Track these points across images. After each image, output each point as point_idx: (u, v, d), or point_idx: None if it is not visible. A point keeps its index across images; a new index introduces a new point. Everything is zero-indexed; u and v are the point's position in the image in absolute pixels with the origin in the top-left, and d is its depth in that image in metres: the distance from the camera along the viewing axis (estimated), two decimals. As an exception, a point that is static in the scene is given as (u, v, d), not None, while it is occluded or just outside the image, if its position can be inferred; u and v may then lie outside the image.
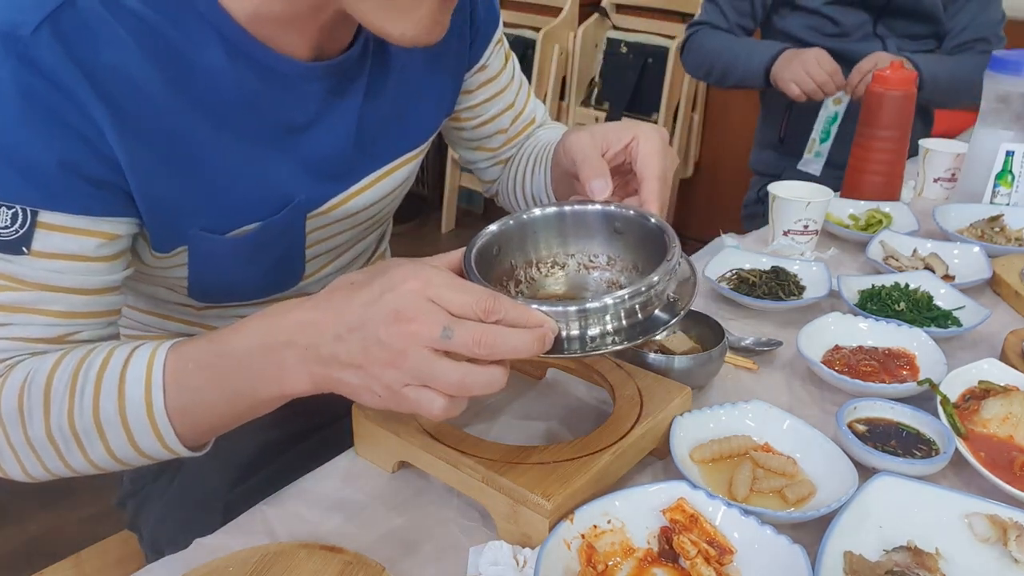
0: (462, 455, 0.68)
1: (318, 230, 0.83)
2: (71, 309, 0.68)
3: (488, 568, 0.63)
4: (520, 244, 0.75)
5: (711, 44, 1.85)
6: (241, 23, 0.69)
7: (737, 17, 1.85)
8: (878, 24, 1.78)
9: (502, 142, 1.03)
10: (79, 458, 0.67)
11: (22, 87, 0.61)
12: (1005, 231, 1.30)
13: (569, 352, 0.62)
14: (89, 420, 0.64)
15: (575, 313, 0.62)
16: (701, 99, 3.21)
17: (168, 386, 0.64)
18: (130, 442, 0.65)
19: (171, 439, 0.65)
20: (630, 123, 0.78)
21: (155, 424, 0.65)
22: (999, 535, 0.67)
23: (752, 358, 0.97)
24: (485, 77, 0.96)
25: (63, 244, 0.65)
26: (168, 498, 0.93)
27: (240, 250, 0.77)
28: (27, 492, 1.98)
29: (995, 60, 1.38)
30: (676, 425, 0.76)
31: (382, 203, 0.89)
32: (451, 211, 3.70)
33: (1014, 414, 0.81)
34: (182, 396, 0.64)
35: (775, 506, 0.71)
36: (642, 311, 0.64)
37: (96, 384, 0.64)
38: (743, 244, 1.26)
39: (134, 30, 0.65)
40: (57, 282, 0.66)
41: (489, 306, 0.57)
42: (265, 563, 0.62)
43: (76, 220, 0.65)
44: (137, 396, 0.64)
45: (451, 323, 0.56)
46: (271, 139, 0.75)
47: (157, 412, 0.64)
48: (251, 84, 0.71)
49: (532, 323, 0.59)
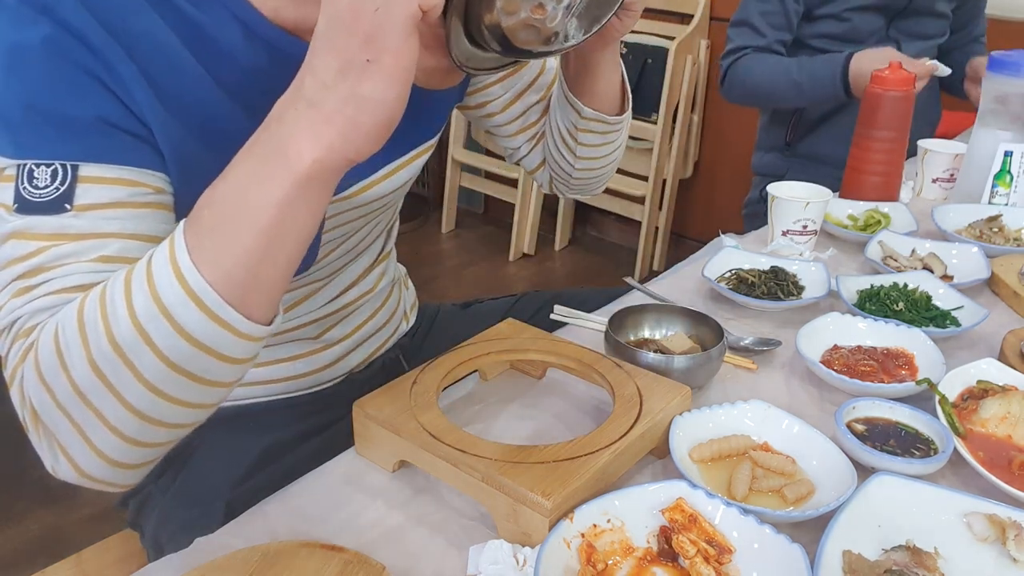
0: (462, 455, 0.68)
1: (335, 216, 0.83)
2: (122, 254, 0.63)
3: (488, 567, 0.63)
4: None
5: (761, 69, 1.78)
6: (260, 9, 0.69)
7: (774, 33, 1.78)
8: (891, 28, 1.78)
9: (540, 113, 1.03)
10: (133, 384, 0.56)
11: (53, 47, 0.61)
12: (1003, 231, 1.30)
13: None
14: (128, 323, 0.55)
15: None
16: (701, 99, 3.21)
17: (190, 242, 0.56)
18: (173, 326, 0.55)
19: (212, 299, 0.55)
20: None
21: (187, 286, 0.55)
22: (998, 534, 0.67)
23: (751, 358, 0.97)
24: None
25: (109, 194, 0.63)
26: (170, 497, 0.93)
27: None
28: (28, 492, 1.99)
29: (994, 60, 1.38)
30: (675, 425, 0.76)
31: (396, 194, 0.90)
32: (451, 211, 3.70)
33: (1012, 414, 0.81)
34: (204, 244, 0.56)
35: (774, 505, 0.71)
36: None
37: (125, 284, 0.57)
38: (742, 244, 1.27)
39: (159, 4, 0.66)
40: (107, 228, 0.63)
41: None
42: (266, 562, 0.63)
43: (118, 171, 0.64)
44: (163, 266, 0.56)
45: None
46: None
47: (186, 270, 0.55)
48: (266, 68, 0.71)
49: None
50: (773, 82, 1.77)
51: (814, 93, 1.73)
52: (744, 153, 2.13)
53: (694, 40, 3.07)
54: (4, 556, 1.82)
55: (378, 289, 1.02)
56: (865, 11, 1.74)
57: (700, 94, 3.19)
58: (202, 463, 0.93)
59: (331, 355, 0.98)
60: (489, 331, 0.89)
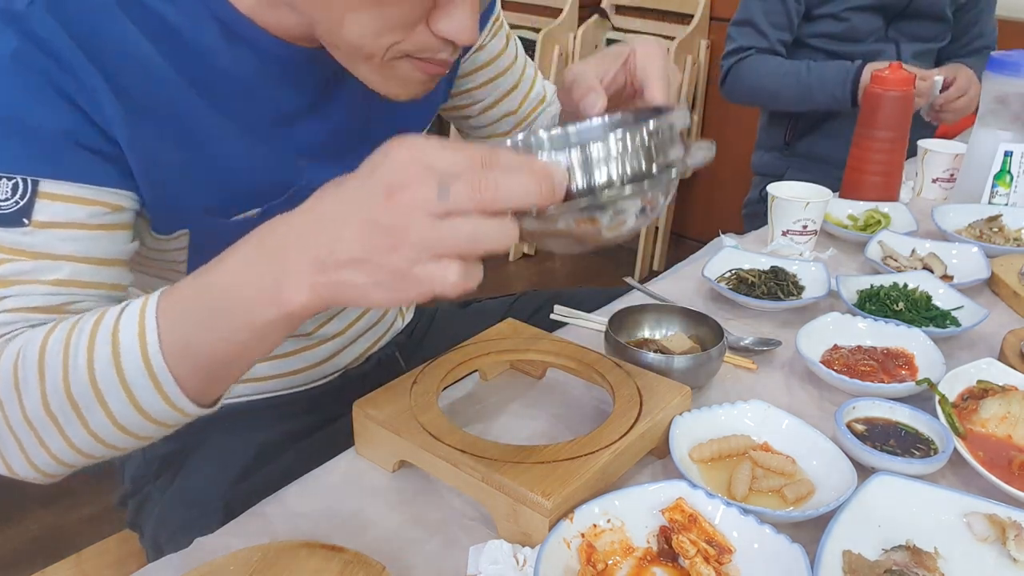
0: (462, 455, 0.68)
1: None
2: (74, 277, 0.65)
3: (488, 567, 0.63)
4: None
5: (768, 70, 1.78)
6: (240, 9, 0.69)
7: (776, 32, 1.78)
8: (890, 28, 1.78)
9: (512, 125, 1.02)
10: (80, 431, 0.61)
11: (19, 59, 0.61)
12: (1003, 231, 1.30)
13: (579, 196, 0.55)
14: (85, 380, 0.59)
15: (578, 154, 0.55)
16: (701, 99, 3.21)
17: (162, 325, 0.58)
18: (130, 400, 0.59)
19: (171, 388, 0.59)
20: (626, 43, 0.72)
21: (151, 370, 0.58)
22: (998, 534, 0.67)
23: (751, 358, 0.97)
24: (483, 59, 0.95)
25: (66, 213, 0.64)
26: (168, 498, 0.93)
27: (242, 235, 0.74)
28: (28, 492, 1.98)
29: (994, 61, 1.38)
30: (675, 425, 0.76)
31: None
32: (451, 211, 3.70)
33: (1012, 414, 0.81)
34: (175, 332, 0.58)
35: (774, 505, 0.71)
36: (645, 156, 0.57)
37: (90, 338, 0.59)
38: (742, 244, 1.27)
39: (132, 9, 0.65)
40: (60, 249, 0.64)
41: (486, 157, 0.51)
42: (266, 562, 0.62)
43: (78, 189, 0.65)
44: (130, 340, 0.58)
45: (446, 179, 0.50)
46: (270, 124, 0.74)
47: (152, 355, 0.58)
48: (248, 68, 0.71)
49: (538, 169, 0.52)
50: (779, 84, 1.77)
51: (822, 98, 1.74)
52: (744, 153, 2.13)
53: (694, 40, 3.07)
54: (4, 556, 1.82)
55: None
56: (864, 11, 1.74)
57: (700, 94, 3.19)
58: (200, 463, 0.93)
59: (325, 351, 0.97)
60: (489, 331, 0.89)
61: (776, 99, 1.82)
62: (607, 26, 3.33)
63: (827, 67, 1.72)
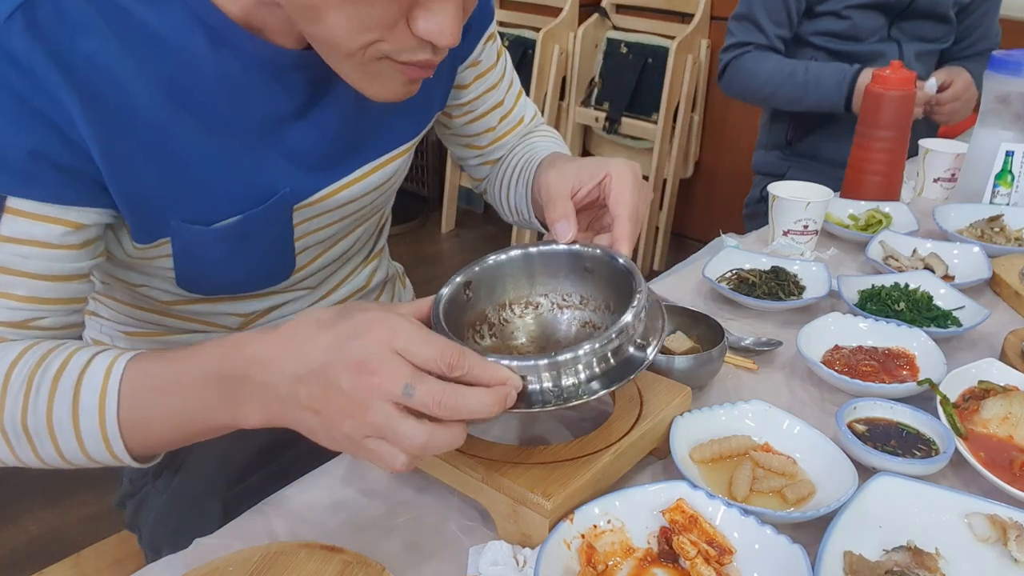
0: (462, 455, 0.68)
1: (306, 222, 0.82)
2: (34, 294, 0.68)
3: (488, 568, 0.63)
4: (491, 287, 0.76)
5: (766, 68, 1.78)
6: (229, 13, 0.68)
7: (775, 28, 1.78)
8: (892, 28, 1.78)
9: (490, 140, 1.02)
10: (29, 454, 0.67)
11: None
12: (1005, 231, 1.30)
13: (544, 404, 0.61)
14: (42, 422, 0.64)
15: (545, 366, 0.61)
16: (701, 99, 3.21)
17: (123, 399, 0.64)
18: (80, 447, 0.65)
19: (119, 449, 0.65)
20: (603, 160, 0.78)
21: (106, 434, 0.64)
22: (999, 535, 0.67)
23: (752, 358, 0.97)
24: (477, 72, 0.95)
25: (30, 230, 0.65)
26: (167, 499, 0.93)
27: (224, 241, 0.76)
28: (27, 492, 1.99)
29: (995, 60, 1.38)
30: (676, 425, 0.76)
31: (372, 196, 0.88)
32: (451, 211, 3.70)
33: (1014, 414, 0.81)
34: (135, 412, 0.64)
35: (775, 506, 0.71)
36: (613, 356, 0.64)
37: (52, 386, 0.64)
38: (743, 244, 1.27)
39: (113, 19, 0.64)
40: (21, 267, 0.66)
41: (454, 360, 0.57)
42: (265, 563, 0.62)
43: (44, 207, 0.65)
44: (91, 404, 0.64)
45: (413, 380, 0.56)
46: (256, 130, 0.74)
47: (109, 423, 0.64)
48: (234, 74, 0.70)
49: (496, 380, 0.59)
50: (776, 83, 1.77)
51: (817, 100, 1.74)
52: (744, 153, 2.13)
53: (694, 40, 3.07)
54: (3, 557, 1.82)
55: (371, 286, 1.02)
56: (866, 9, 1.74)
57: (700, 94, 3.19)
58: (198, 464, 0.93)
59: None
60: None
61: (772, 98, 1.82)
62: (607, 26, 3.33)
63: (824, 69, 1.72)
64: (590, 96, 3.36)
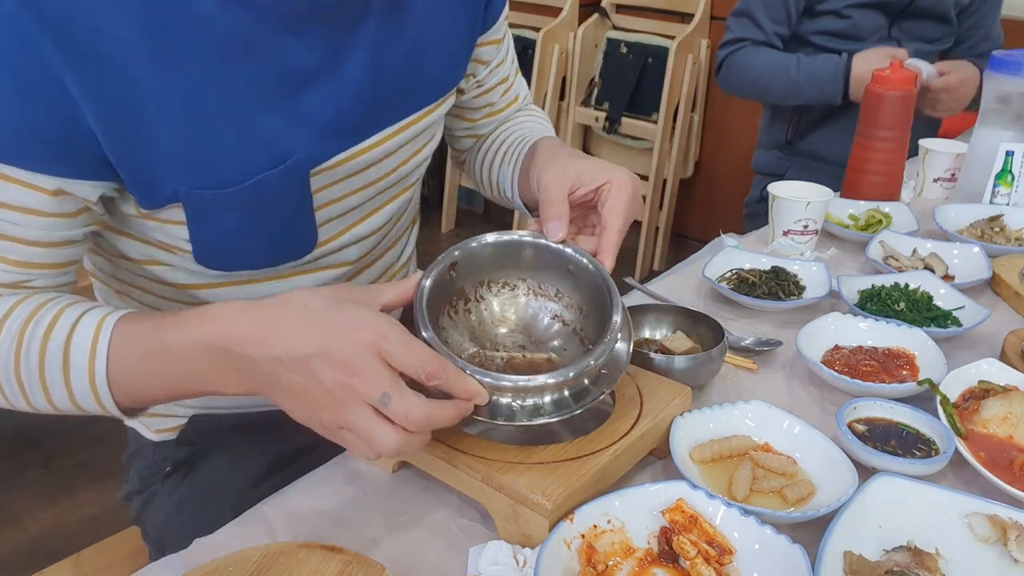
0: (462, 455, 0.68)
1: (325, 189, 0.78)
2: (26, 259, 0.68)
3: (488, 568, 0.63)
4: (477, 265, 0.77)
5: (760, 63, 1.79)
6: None
7: (773, 26, 1.79)
8: (893, 27, 1.78)
9: (485, 114, 1.02)
10: (22, 402, 0.69)
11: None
12: (1005, 231, 1.30)
13: (504, 419, 0.67)
14: (35, 376, 0.67)
15: (510, 388, 0.66)
16: (701, 99, 3.21)
17: (111, 361, 0.66)
18: (71, 401, 0.68)
19: (109, 405, 0.68)
20: (606, 166, 0.79)
21: (96, 391, 0.67)
22: (999, 535, 0.67)
23: (752, 358, 0.97)
24: (494, 46, 0.94)
25: (19, 197, 0.65)
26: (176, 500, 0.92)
27: (239, 208, 0.73)
28: (27, 492, 1.99)
29: (995, 60, 1.38)
30: (676, 425, 0.76)
31: (392, 162, 0.84)
32: (451, 211, 3.70)
33: (1014, 414, 0.81)
34: (123, 373, 0.66)
35: (775, 506, 0.71)
36: (574, 386, 0.69)
37: (42, 346, 0.66)
38: (743, 244, 1.27)
39: None
40: (11, 232, 0.67)
41: (433, 371, 0.61)
42: (265, 563, 0.62)
43: (35, 177, 0.65)
44: (81, 364, 0.66)
45: (391, 389, 0.59)
46: (269, 89, 0.71)
47: (99, 382, 0.66)
48: (245, 29, 0.67)
49: (466, 394, 0.64)
50: (770, 78, 1.78)
51: (811, 93, 1.74)
52: (745, 153, 2.13)
53: (694, 40, 3.07)
54: (4, 556, 1.82)
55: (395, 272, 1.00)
56: (866, 8, 1.74)
57: (700, 94, 3.19)
58: (211, 469, 0.92)
59: None
60: (489, 331, 0.89)
61: (767, 92, 1.83)
62: (607, 25, 3.33)
63: (816, 62, 1.72)
64: (590, 96, 3.36)
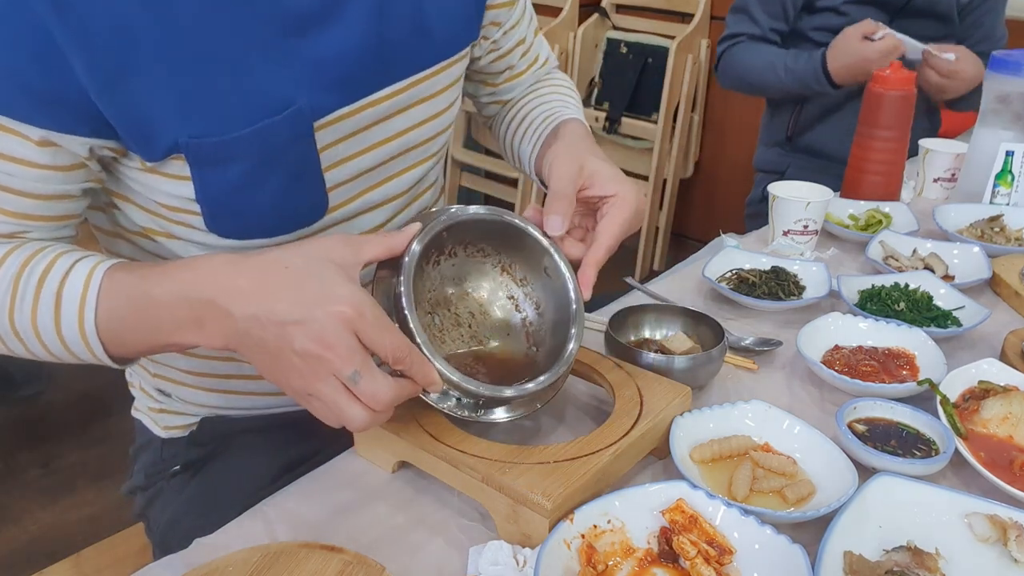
0: (462, 455, 0.68)
1: (332, 147, 0.77)
2: (22, 211, 0.69)
3: (488, 568, 0.63)
4: (464, 229, 0.78)
5: (751, 61, 1.81)
6: None
7: (770, 21, 1.81)
8: (893, 25, 1.78)
9: (506, 78, 1.02)
10: (19, 347, 0.71)
11: None
12: (1005, 231, 1.30)
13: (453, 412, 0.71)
14: (28, 324, 0.68)
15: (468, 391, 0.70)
16: (701, 99, 3.21)
17: (100, 310, 0.67)
18: (64, 348, 0.69)
19: (100, 352, 0.69)
20: (619, 178, 0.80)
21: (86, 339, 0.68)
22: (999, 535, 0.67)
23: (752, 358, 0.97)
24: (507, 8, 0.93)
25: (12, 147, 0.66)
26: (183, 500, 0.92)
27: (243, 160, 0.71)
28: (27, 492, 1.99)
29: (995, 60, 1.38)
30: (676, 425, 0.76)
31: (401, 120, 0.82)
32: (451, 211, 3.70)
33: (1014, 414, 0.81)
34: (112, 322, 0.68)
35: (775, 506, 0.71)
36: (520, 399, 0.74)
37: (35, 294, 0.68)
38: (743, 244, 1.26)
39: None
40: (7, 183, 0.67)
41: (401, 356, 0.63)
42: (265, 563, 0.62)
43: (19, 126, 0.65)
44: (71, 312, 0.67)
45: (362, 368, 0.61)
46: (270, 33, 0.69)
47: (89, 331, 0.68)
48: None
49: (424, 381, 0.66)
50: (762, 76, 1.81)
51: (801, 91, 1.77)
52: (745, 152, 2.13)
53: (694, 39, 3.07)
54: (4, 556, 1.82)
55: None
56: (865, 6, 1.74)
57: (700, 93, 3.19)
58: (220, 471, 0.92)
59: None
60: (489, 331, 0.89)
61: (762, 91, 1.87)
62: (607, 25, 3.33)
63: (798, 61, 1.75)
64: (590, 96, 3.36)
